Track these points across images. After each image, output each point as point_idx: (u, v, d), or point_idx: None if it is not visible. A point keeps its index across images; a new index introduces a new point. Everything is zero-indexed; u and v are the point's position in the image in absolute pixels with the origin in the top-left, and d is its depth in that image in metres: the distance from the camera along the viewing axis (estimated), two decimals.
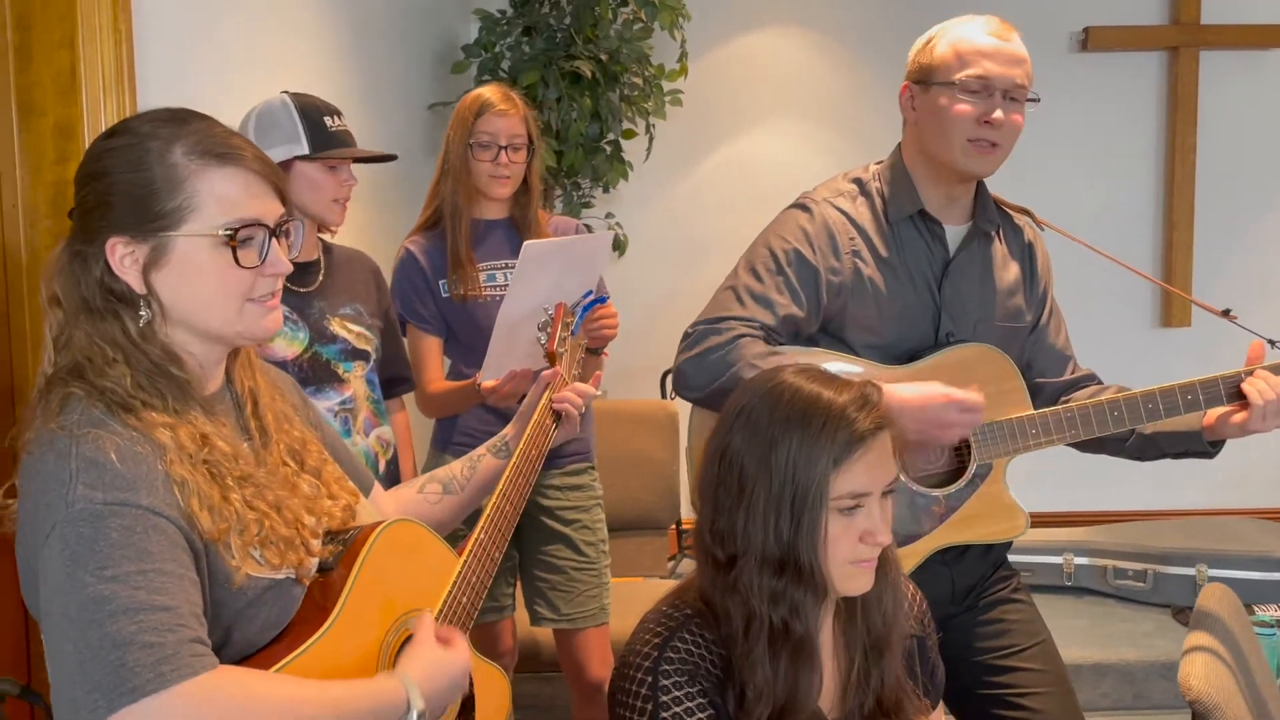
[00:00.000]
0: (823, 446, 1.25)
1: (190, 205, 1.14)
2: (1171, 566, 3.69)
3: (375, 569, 1.26)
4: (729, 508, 1.28)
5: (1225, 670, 1.65)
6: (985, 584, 1.91)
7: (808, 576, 1.26)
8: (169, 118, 1.19)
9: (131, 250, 1.15)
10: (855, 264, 1.80)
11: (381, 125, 3.35)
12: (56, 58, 1.90)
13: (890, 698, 1.35)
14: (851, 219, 1.82)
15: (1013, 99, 1.76)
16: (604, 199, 4.18)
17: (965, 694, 1.88)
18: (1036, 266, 1.95)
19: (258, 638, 1.18)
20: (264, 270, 1.19)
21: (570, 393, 1.65)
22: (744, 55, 4.43)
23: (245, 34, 2.53)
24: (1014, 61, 1.76)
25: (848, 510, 1.27)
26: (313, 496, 1.29)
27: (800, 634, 1.27)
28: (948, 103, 1.75)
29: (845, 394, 1.28)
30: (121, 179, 1.15)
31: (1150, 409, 1.80)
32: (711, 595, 1.31)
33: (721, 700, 1.27)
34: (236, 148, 1.18)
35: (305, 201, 2.02)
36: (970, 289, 1.85)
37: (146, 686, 0.99)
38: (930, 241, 1.84)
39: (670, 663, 1.27)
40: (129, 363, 1.15)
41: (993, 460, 1.81)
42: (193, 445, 1.14)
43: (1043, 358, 1.94)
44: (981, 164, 1.79)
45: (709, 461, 1.32)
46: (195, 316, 1.18)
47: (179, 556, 1.08)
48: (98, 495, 1.05)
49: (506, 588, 2.48)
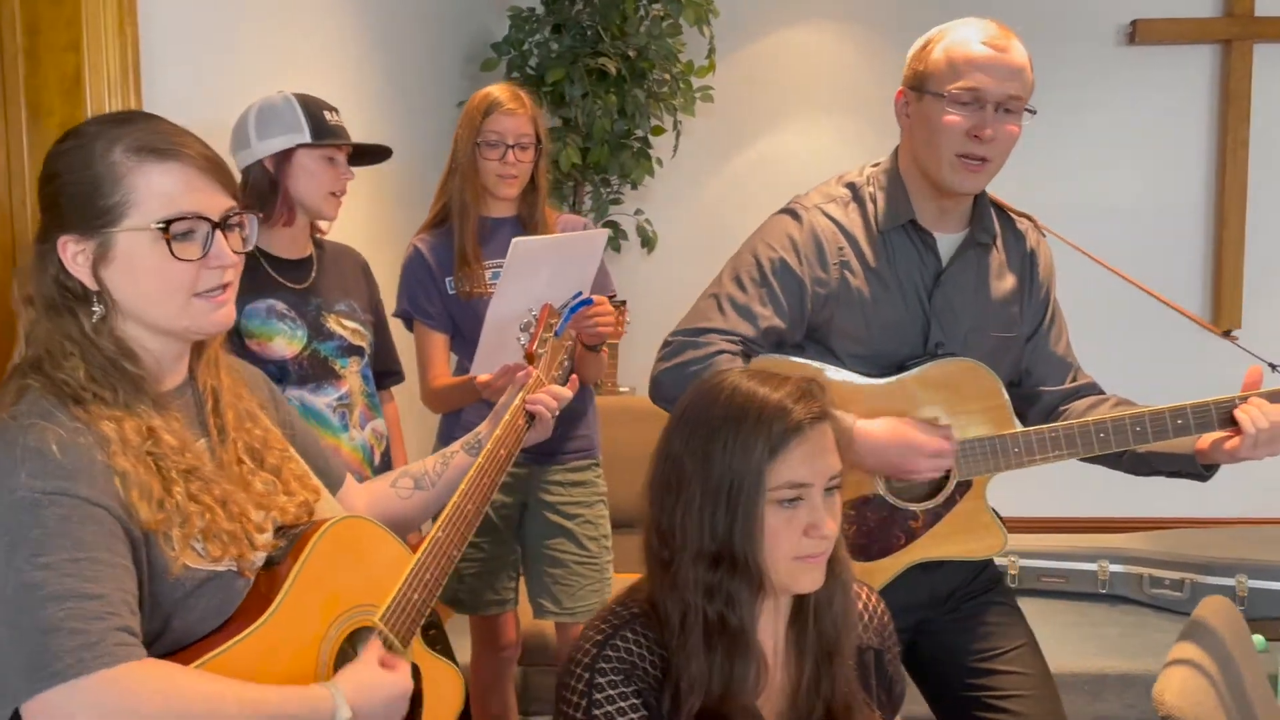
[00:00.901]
0: (759, 437, 1.24)
1: (129, 201, 1.17)
2: (1211, 576, 3.59)
3: (320, 564, 1.28)
4: (670, 506, 1.29)
5: (1207, 686, 1.60)
6: (967, 587, 1.88)
7: (743, 569, 1.25)
8: (115, 119, 1.23)
9: (82, 248, 1.19)
10: (843, 274, 1.77)
11: (409, 122, 3.40)
12: (63, 60, 1.96)
13: (840, 705, 1.33)
14: (842, 227, 1.79)
15: (1007, 110, 1.71)
16: (633, 195, 4.19)
17: (947, 696, 1.87)
18: (1038, 273, 1.90)
19: (197, 627, 1.20)
20: (207, 263, 1.21)
21: (545, 394, 1.64)
22: (775, 50, 4.40)
23: (260, 35, 2.59)
24: (1009, 73, 1.70)
25: (788, 502, 1.26)
26: (266, 493, 1.31)
27: (736, 626, 1.26)
28: (938, 113, 1.71)
29: (783, 388, 1.28)
30: (69, 179, 1.19)
31: (1138, 432, 1.74)
32: (655, 594, 1.32)
33: (657, 701, 1.27)
34: (178, 144, 1.20)
35: (303, 192, 2.06)
36: (963, 299, 1.81)
37: (67, 672, 1.03)
38: (922, 251, 1.80)
39: (608, 660, 1.28)
40: (84, 357, 1.19)
41: (972, 477, 1.77)
42: (137, 438, 1.17)
43: (1042, 365, 1.90)
44: (968, 182, 1.74)
45: (654, 463, 1.33)
46: (143, 311, 1.21)
47: (114, 546, 1.11)
48: (38, 484, 1.09)
49: (509, 581, 2.51)
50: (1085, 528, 4.01)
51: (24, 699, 1.03)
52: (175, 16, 2.22)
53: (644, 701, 1.27)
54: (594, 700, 1.26)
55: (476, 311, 2.37)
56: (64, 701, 1.03)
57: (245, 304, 2.01)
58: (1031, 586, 3.73)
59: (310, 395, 2.07)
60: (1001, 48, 1.71)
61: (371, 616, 1.33)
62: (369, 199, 3.20)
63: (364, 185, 3.11)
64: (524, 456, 2.40)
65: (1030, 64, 1.75)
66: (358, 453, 2.13)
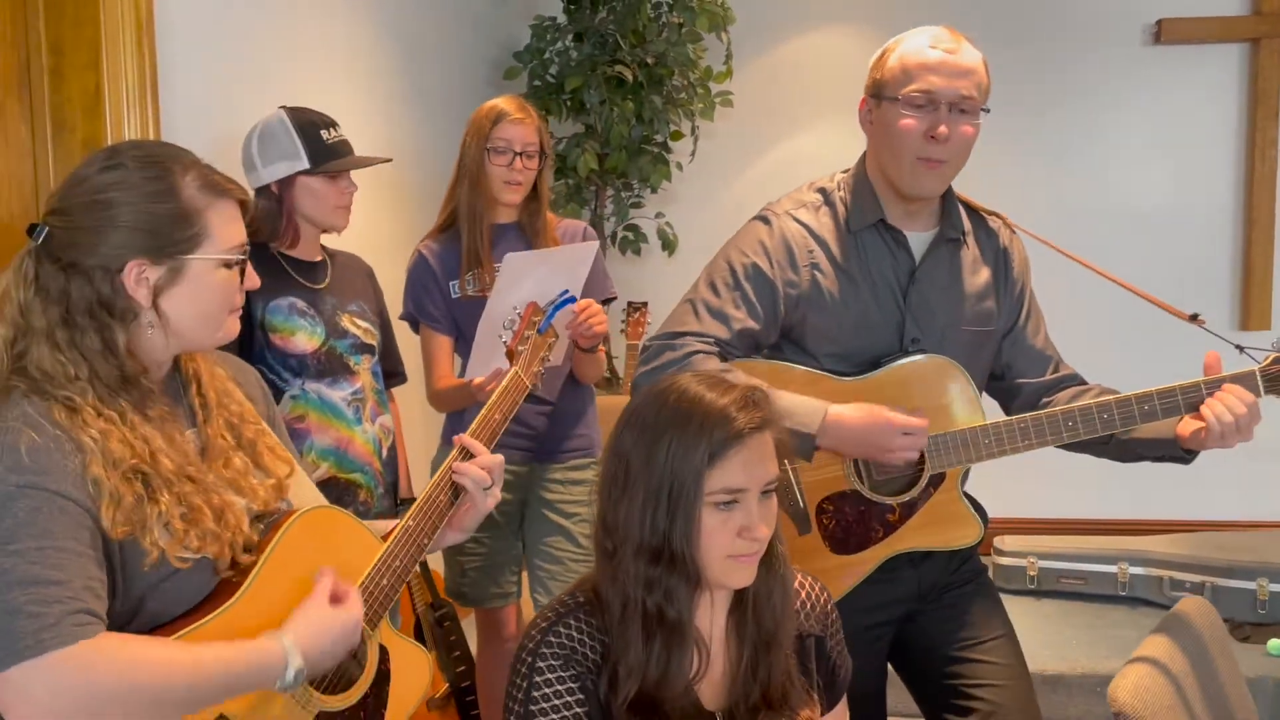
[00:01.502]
0: (700, 442, 1.30)
1: (204, 233, 1.32)
2: (1232, 579, 3.55)
3: (289, 550, 1.37)
4: (615, 501, 1.35)
5: (1166, 686, 1.62)
6: (949, 578, 1.93)
7: (680, 565, 1.32)
8: (174, 154, 1.35)
9: (151, 271, 1.30)
10: (813, 276, 1.82)
11: (435, 130, 3.51)
12: (84, 78, 2.10)
13: (776, 691, 1.39)
14: (811, 230, 1.85)
15: (961, 110, 1.76)
16: (655, 199, 4.26)
17: (929, 685, 1.92)
18: (1012, 269, 1.94)
19: (171, 608, 1.30)
20: (242, 286, 1.39)
21: (473, 467, 1.56)
22: (795, 54, 4.44)
23: (277, 50, 2.70)
24: (959, 73, 1.76)
25: (724, 505, 1.32)
26: (243, 471, 1.41)
27: (674, 619, 1.33)
28: (895, 118, 1.77)
29: (728, 395, 1.33)
30: (144, 208, 1.29)
31: (1106, 419, 1.78)
32: (598, 583, 1.39)
33: (595, 685, 1.34)
34: (228, 181, 1.37)
35: (310, 211, 2.17)
36: (937, 295, 1.86)
37: (25, 651, 1.12)
38: (894, 249, 1.85)
39: (550, 647, 1.35)
40: (96, 371, 1.28)
41: (945, 469, 1.83)
42: (123, 451, 1.25)
43: (1022, 359, 1.94)
44: (928, 183, 1.79)
45: (604, 459, 1.40)
46: (191, 328, 1.35)
47: (81, 535, 1.20)
48: (12, 478, 1.19)
49: (512, 575, 2.59)
50: (1106, 529, 3.99)
51: None
52: (192, 34, 2.34)
53: (581, 686, 1.34)
54: (534, 684, 1.34)
55: (479, 314, 2.46)
56: (23, 678, 1.12)
57: (268, 301, 2.12)
58: (1051, 588, 3.73)
59: (327, 389, 2.18)
60: (951, 50, 1.77)
61: None
62: (393, 204, 3.31)
63: (389, 192, 3.23)
64: (524, 455, 2.50)
65: (985, 66, 1.80)
66: (369, 445, 2.24)
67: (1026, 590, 3.71)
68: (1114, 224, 4.24)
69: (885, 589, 1.87)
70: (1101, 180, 4.29)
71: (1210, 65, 4.19)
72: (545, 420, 2.49)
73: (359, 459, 2.21)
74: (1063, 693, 3.20)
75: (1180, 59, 4.21)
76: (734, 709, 1.39)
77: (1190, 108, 4.23)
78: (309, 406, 2.14)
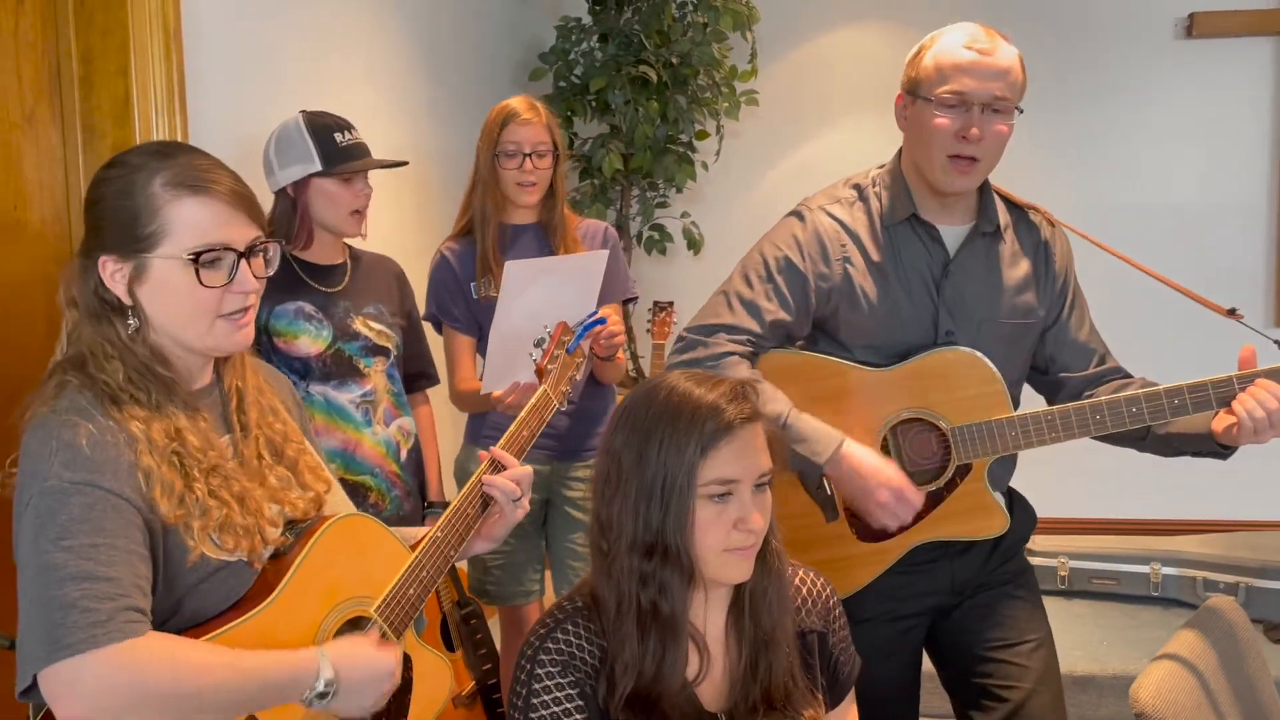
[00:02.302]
0: (691, 435, 1.30)
1: (164, 231, 1.29)
2: (1266, 580, 3.51)
3: (322, 556, 1.39)
4: (609, 498, 1.36)
5: (1191, 686, 1.61)
6: (988, 576, 1.92)
7: (674, 559, 1.32)
8: (158, 151, 1.35)
9: (120, 268, 1.31)
10: (845, 269, 1.84)
11: (456, 132, 3.52)
12: (114, 85, 2.12)
13: (778, 691, 1.39)
14: (845, 225, 1.86)
15: (995, 110, 1.76)
16: (681, 199, 4.25)
17: (960, 681, 1.92)
18: (1053, 262, 1.93)
19: (207, 610, 1.32)
20: (231, 289, 1.33)
21: (503, 479, 1.59)
22: (821, 52, 4.42)
23: (303, 54, 2.72)
24: (993, 74, 1.76)
25: (718, 498, 1.32)
26: (280, 488, 1.43)
27: (668, 614, 1.33)
28: (929, 117, 1.78)
29: (718, 390, 1.34)
30: (112, 205, 1.31)
31: (1134, 413, 1.78)
32: (595, 583, 1.39)
33: (594, 690, 1.35)
34: (210, 179, 1.32)
35: (324, 215, 2.18)
36: (974, 288, 1.85)
37: (80, 645, 1.15)
38: (928, 244, 1.85)
39: (549, 653, 1.36)
40: (123, 360, 1.31)
41: (972, 460, 1.82)
42: (163, 439, 1.29)
43: (1065, 352, 1.93)
44: (959, 182, 1.80)
45: (598, 459, 1.41)
46: (171, 328, 1.34)
47: (132, 534, 1.23)
48: (67, 475, 1.21)
49: (535, 574, 2.60)
50: (1138, 529, 3.95)
51: (41, 667, 1.16)
52: (219, 41, 2.36)
53: (580, 692, 1.34)
54: (533, 690, 1.34)
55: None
56: (74, 672, 1.15)
57: (274, 306, 2.14)
58: (1082, 588, 3.70)
59: (333, 391, 2.19)
60: (985, 51, 1.76)
61: (368, 607, 1.43)
62: (418, 206, 3.33)
63: (413, 193, 3.24)
64: (546, 454, 2.51)
65: (1022, 64, 1.79)
66: (380, 447, 2.24)
67: (1057, 590, 3.68)
68: (1146, 219, 4.19)
69: (920, 579, 1.87)
70: (1133, 175, 4.24)
71: (1243, 59, 4.14)
72: (567, 420, 2.50)
73: (368, 461, 2.22)
74: (1093, 693, 3.18)
75: (1212, 53, 4.15)
76: (735, 710, 1.39)
77: (1222, 102, 4.17)
78: (315, 409, 2.16)
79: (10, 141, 2.02)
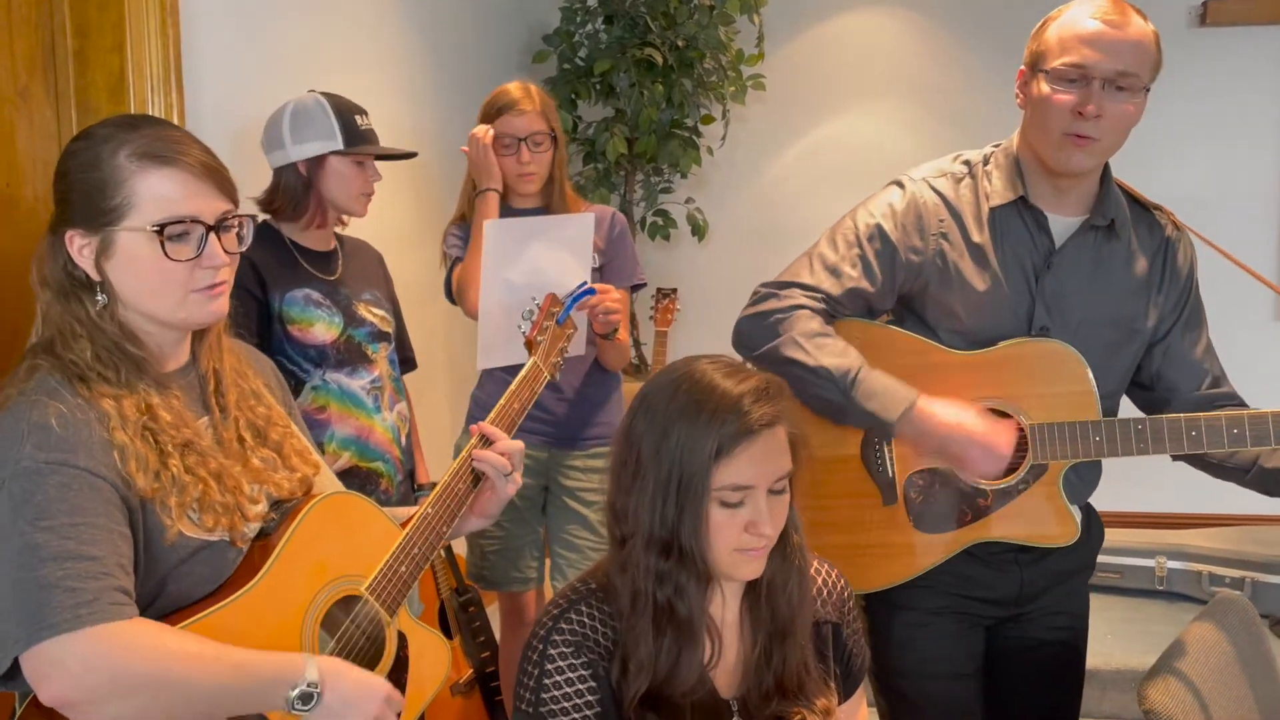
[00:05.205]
0: (709, 436, 1.27)
1: (129, 203, 1.26)
2: (1273, 575, 3.48)
3: (309, 535, 1.36)
4: (626, 488, 1.33)
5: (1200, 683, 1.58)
6: (1045, 602, 1.82)
7: (690, 561, 1.29)
8: (125, 123, 1.31)
9: (87, 242, 1.29)
10: (940, 246, 1.73)
11: (460, 115, 3.48)
12: (109, 61, 2.09)
13: (791, 680, 1.36)
14: (947, 201, 1.75)
15: (1119, 88, 1.63)
16: (686, 184, 4.22)
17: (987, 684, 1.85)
18: (1176, 268, 1.78)
19: (191, 591, 1.29)
20: (200, 263, 1.29)
21: (493, 454, 1.55)
22: (829, 37, 4.38)
23: (302, 32, 2.69)
24: (1119, 48, 1.62)
25: (732, 503, 1.29)
26: (263, 469, 1.40)
27: (684, 615, 1.30)
28: (1047, 92, 1.65)
29: (742, 386, 1.30)
30: (78, 178, 1.28)
31: (1235, 435, 1.63)
32: (610, 570, 1.37)
33: (606, 672, 1.32)
34: (178, 151, 1.28)
35: (335, 194, 2.16)
36: (1077, 285, 1.73)
37: (63, 625, 1.12)
38: (1034, 231, 1.73)
39: (561, 634, 1.33)
40: (91, 339, 1.29)
41: (1049, 461, 1.71)
42: (135, 414, 1.27)
43: (1173, 369, 1.79)
44: (1074, 159, 1.65)
45: (616, 442, 1.37)
46: (141, 303, 1.31)
47: (110, 513, 1.20)
48: (41, 455, 1.19)
49: (533, 560, 2.59)
50: (1143, 523, 3.92)
51: (22, 649, 1.13)
52: (216, 18, 2.33)
53: (593, 673, 1.32)
54: (545, 670, 1.32)
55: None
56: (58, 652, 1.12)
57: (284, 292, 2.11)
58: None
59: (346, 379, 2.17)
60: (1114, 23, 1.63)
61: (358, 586, 1.41)
62: (419, 190, 3.30)
63: (414, 178, 3.21)
64: (543, 441, 2.48)
65: (1155, 40, 1.67)
66: (389, 433, 2.23)
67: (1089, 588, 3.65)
68: None
69: (990, 574, 1.77)
70: (1144, 163, 4.16)
71: (1256, 47, 4.10)
72: (566, 407, 2.48)
73: (379, 447, 2.20)
74: (1096, 688, 3.16)
75: (1226, 41, 4.11)
76: (748, 697, 1.37)
77: (1236, 91, 4.13)
78: (330, 397, 2.14)
79: (3, 117, 1.99)
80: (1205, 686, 1.57)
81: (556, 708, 1.31)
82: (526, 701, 1.33)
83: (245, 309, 1.98)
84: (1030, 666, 1.83)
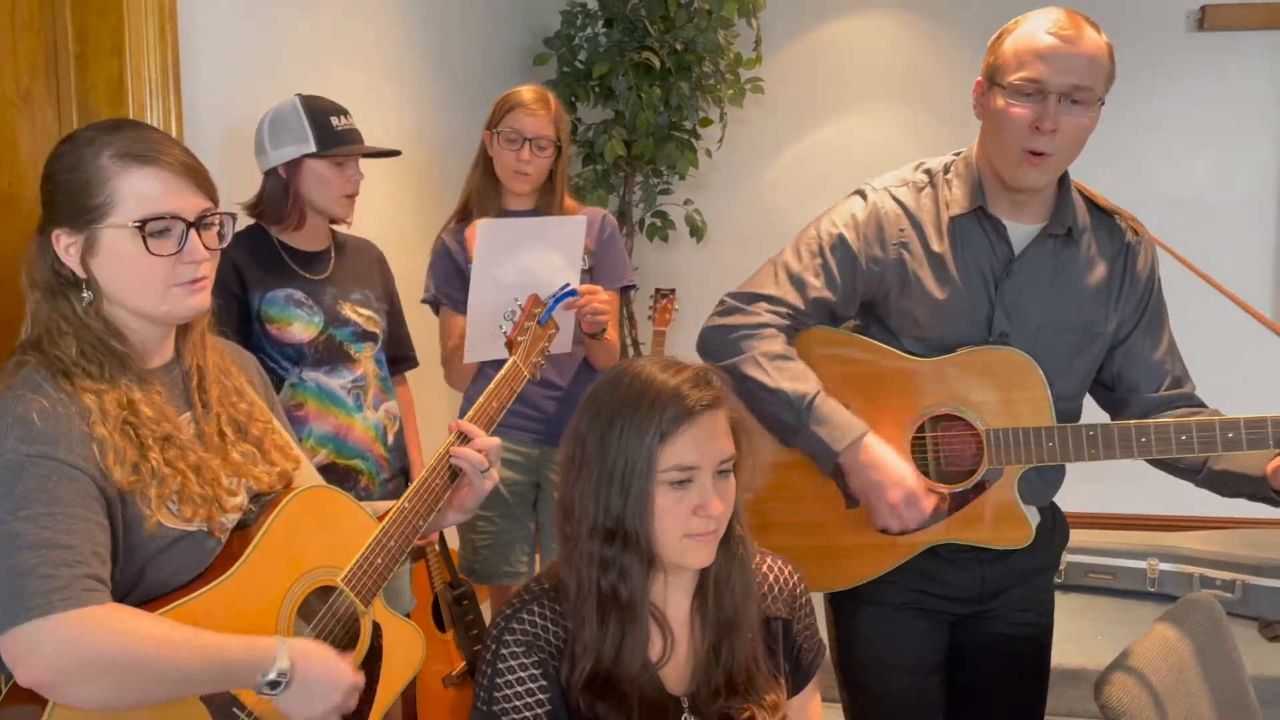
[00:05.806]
0: (652, 421, 1.31)
1: (112, 201, 1.32)
2: (1263, 578, 3.49)
3: (288, 526, 1.41)
4: (572, 483, 1.37)
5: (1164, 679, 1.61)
6: (1010, 598, 1.86)
7: (634, 544, 1.33)
8: (108, 126, 1.38)
9: (72, 240, 1.34)
10: (901, 255, 1.77)
11: (460, 117, 3.53)
12: (108, 65, 2.15)
13: (740, 675, 1.40)
14: (908, 210, 1.79)
15: (1075, 101, 1.66)
16: (684, 186, 4.26)
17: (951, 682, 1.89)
18: (1135, 272, 1.81)
19: (170, 580, 1.34)
20: (181, 258, 1.35)
21: (470, 450, 1.59)
22: (827, 41, 4.41)
23: (301, 35, 2.74)
24: (1073, 62, 1.64)
25: (677, 484, 1.33)
26: (243, 463, 1.45)
27: (627, 598, 1.34)
28: (1004, 105, 1.68)
29: (680, 375, 1.35)
30: (63, 179, 1.34)
31: (1184, 441, 1.67)
32: (559, 566, 1.41)
33: (557, 670, 1.36)
34: (158, 151, 1.34)
35: (315, 197, 2.20)
36: (1036, 291, 1.76)
37: (35, 610, 1.18)
38: (993, 240, 1.76)
39: (513, 633, 1.38)
40: (77, 335, 1.34)
41: (1003, 466, 1.75)
42: (116, 409, 1.32)
43: (1134, 370, 1.82)
44: (1030, 176, 1.69)
45: (564, 442, 1.42)
46: (125, 298, 1.36)
47: (88, 503, 1.26)
48: (23, 448, 1.24)
49: (523, 555, 2.63)
50: (1135, 525, 3.94)
51: (0, 633, 1.18)
52: (215, 22, 2.38)
53: (544, 672, 1.36)
54: (498, 669, 1.37)
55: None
56: (33, 635, 1.18)
57: (265, 292, 2.16)
58: (1078, 582, 3.69)
59: (325, 377, 2.21)
60: (1068, 38, 1.65)
61: (335, 577, 1.46)
62: (421, 190, 3.35)
63: (416, 179, 3.26)
64: (534, 438, 2.53)
65: (1109, 53, 1.69)
66: (370, 431, 2.27)
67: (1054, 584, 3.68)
68: (1153, 213, 4.09)
69: (952, 572, 1.81)
70: (1141, 168, 4.22)
71: (1254, 53, 4.11)
72: (556, 405, 2.52)
73: (359, 445, 2.24)
74: (1085, 687, 3.17)
75: (1223, 46, 4.12)
76: (697, 693, 1.40)
77: (1233, 96, 4.14)
78: (307, 394, 2.18)
79: (6, 119, 2.05)
80: (1162, 684, 1.60)
81: (509, 705, 1.35)
82: (482, 700, 1.38)
83: (226, 307, 2.03)
84: (995, 662, 1.86)
